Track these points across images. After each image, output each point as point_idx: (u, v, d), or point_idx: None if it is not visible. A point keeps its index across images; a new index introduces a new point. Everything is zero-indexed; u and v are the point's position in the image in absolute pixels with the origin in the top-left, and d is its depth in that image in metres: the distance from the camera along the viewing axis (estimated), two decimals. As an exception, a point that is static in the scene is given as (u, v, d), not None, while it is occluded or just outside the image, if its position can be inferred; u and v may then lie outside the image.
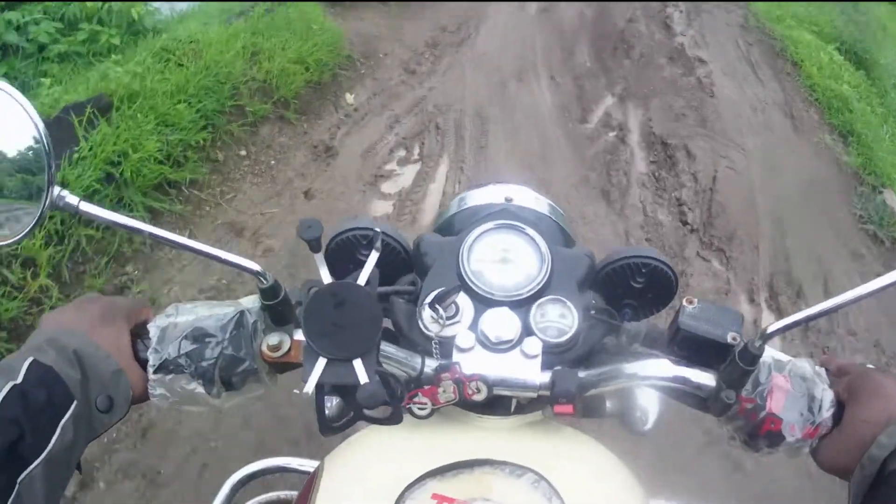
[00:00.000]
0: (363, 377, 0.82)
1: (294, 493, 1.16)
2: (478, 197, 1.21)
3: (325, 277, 0.88)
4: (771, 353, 0.95)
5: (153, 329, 0.91)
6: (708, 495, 2.91)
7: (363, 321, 0.85)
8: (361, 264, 0.95)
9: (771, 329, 0.83)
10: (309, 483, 0.98)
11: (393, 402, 0.89)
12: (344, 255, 1.07)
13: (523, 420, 1.00)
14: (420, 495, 0.83)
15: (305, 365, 0.83)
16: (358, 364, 0.82)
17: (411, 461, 0.89)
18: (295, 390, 0.87)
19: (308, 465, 1.28)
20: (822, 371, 0.95)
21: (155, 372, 0.89)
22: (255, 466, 1.28)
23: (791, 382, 0.92)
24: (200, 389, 0.90)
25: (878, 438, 0.80)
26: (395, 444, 0.96)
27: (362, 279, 0.88)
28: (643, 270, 1.06)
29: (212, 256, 0.86)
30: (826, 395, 0.91)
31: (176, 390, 0.90)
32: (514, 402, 1.00)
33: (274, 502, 1.32)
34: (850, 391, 0.90)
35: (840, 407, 0.91)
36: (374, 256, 0.91)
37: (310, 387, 0.81)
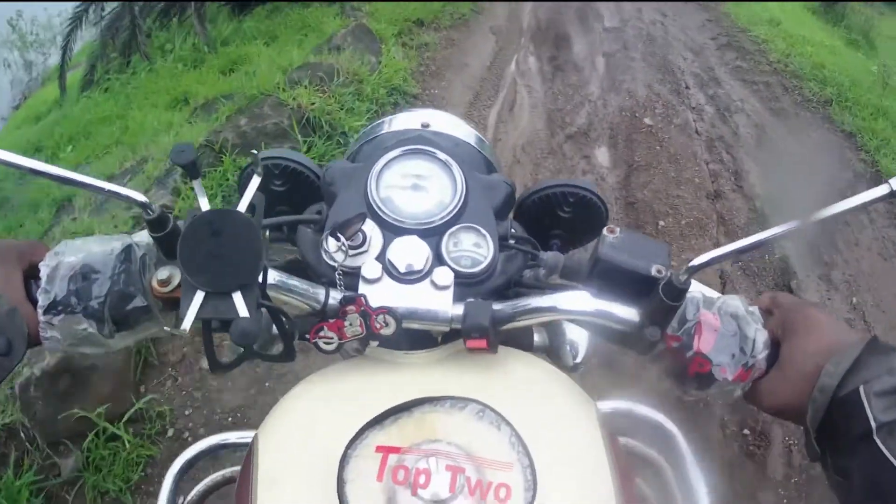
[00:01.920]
0: (243, 311, 0.77)
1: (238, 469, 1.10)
2: (393, 123, 1.17)
3: (204, 205, 0.83)
4: (699, 288, 0.92)
5: (43, 268, 0.86)
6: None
7: (243, 251, 0.79)
8: (277, 195, 1.04)
9: (697, 262, 0.81)
10: (247, 458, 0.92)
11: (284, 337, 0.86)
12: (259, 187, 0.94)
13: (454, 348, 0.95)
14: (363, 451, 0.80)
15: (183, 299, 0.77)
16: (237, 297, 0.77)
17: (347, 416, 0.84)
18: (165, 327, 0.90)
19: (248, 436, 1.15)
20: (755, 310, 0.91)
21: (45, 312, 0.84)
22: (193, 450, 1.21)
23: (721, 320, 0.88)
24: (92, 329, 0.85)
25: (825, 367, 0.78)
26: (326, 400, 0.92)
27: (242, 206, 0.83)
28: (570, 200, 1.06)
29: (94, 188, 0.83)
30: (759, 335, 0.87)
31: (67, 331, 0.85)
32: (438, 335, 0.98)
33: (220, 482, 1.27)
34: (785, 327, 0.88)
35: (774, 347, 0.88)
36: (255, 181, 0.85)
37: (187, 323, 0.76)
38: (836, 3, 11.85)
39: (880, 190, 0.77)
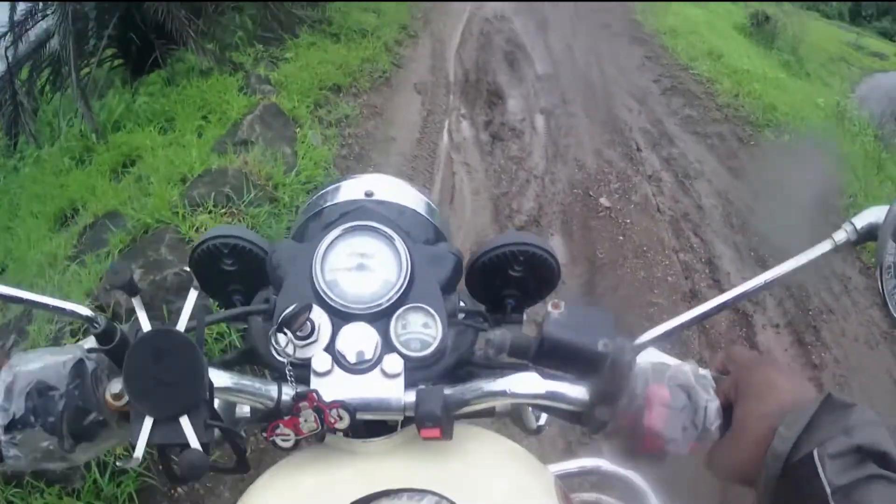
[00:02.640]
0: (192, 438, 0.77)
1: None
2: (336, 194, 1.14)
3: (144, 324, 0.82)
4: (650, 358, 0.89)
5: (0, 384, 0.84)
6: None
7: (186, 374, 0.79)
8: (228, 275, 1.07)
9: (641, 340, 0.83)
10: None
11: (237, 453, 0.88)
12: (210, 265, 1.07)
13: (410, 434, 0.93)
14: None
15: (133, 424, 0.78)
16: (185, 422, 0.77)
17: None
18: (118, 463, 1.05)
19: None
20: (707, 374, 0.88)
21: (6, 431, 0.82)
22: None
23: (671, 393, 0.85)
24: (53, 445, 0.83)
25: (778, 431, 0.76)
26: (287, 495, 0.91)
27: (181, 324, 0.83)
28: (521, 258, 1.04)
29: (39, 305, 0.85)
30: (711, 405, 0.85)
31: (28, 448, 0.83)
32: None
33: None
34: (738, 389, 0.85)
35: (728, 413, 0.85)
36: (192, 296, 0.86)
37: (139, 453, 0.76)
38: (765, 23, 11.78)
39: (824, 246, 0.81)
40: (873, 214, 0.83)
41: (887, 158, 6.45)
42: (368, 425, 0.92)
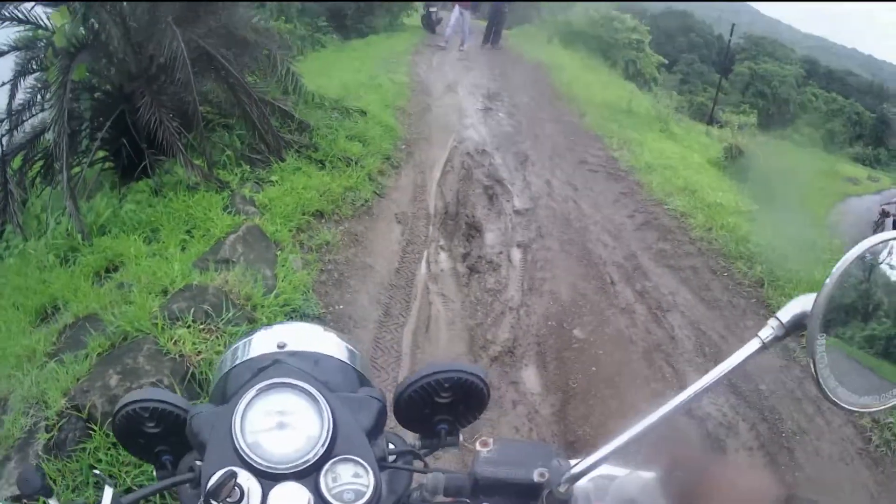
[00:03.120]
0: None
1: None
2: (248, 348, 1.12)
3: None
4: (595, 474, 0.89)
5: None
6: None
7: None
8: (152, 438, 1.07)
9: (577, 469, 0.82)
10: None
11: None
12: (132, 429, 1.06)
13: None
14: None
15: None
16: None
17: None
18: None
19: None
20: (654, 477, 0.89)
21: None
22: None
23: None
24: None
25: None
26: None
27: None
28: (446, 385, 1.04)
29: None
30: None
31: None
32: None
33: None
34: (685, 493, 0.85)
35: None
36: (108, 494, 0.88)
37: None
38: (739, 157, 12.10)
39: (752, 345, 0.81)
40: (800, 304, 0.84)
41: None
42: None
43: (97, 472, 0.93)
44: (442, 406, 1.08)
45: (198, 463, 0.96)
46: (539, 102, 13.33)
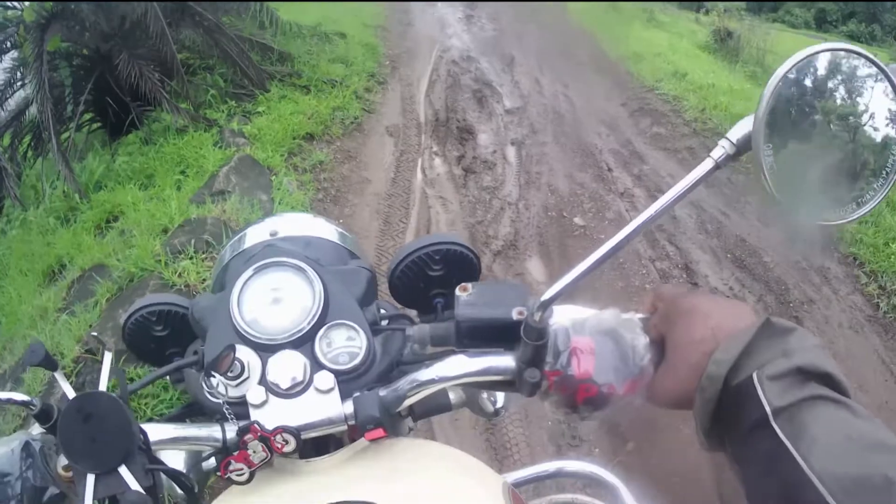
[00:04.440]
0: (132, 483, 0.80)
1: None
2: (243, 241, 1.17)
3: (68, 392, 0.86)
4: (568, 313, 0.92)
5: None
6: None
7: (115, 427, 0.82)
8: (163, 341, 1.13)
9: (546, 296, 0.82)
10: None
11: (186, 493, 0.92)
12: (142, 336, 1.12)
13: (355, 449, 0.96)
14: None
15: (77, 484, 0.81)
16: (124, 471, 0.81)
17: None
18: None
19: None
20: (632, 316, 0.91)
21: None
22: None
23: (595, 340, 0.88)
24: None
25: (714, 356, 0.76)
26: None
27: (102, 384, 0.87)
28: (437, 257, 1.07)
29: None
30: (639, 342, 0.88)
31: None
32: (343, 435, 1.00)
33: None
34: (666, 322, 0.86)
35: (661, 347, 0.87)
36: (108, 358, 0.91)
37: None
38: (728, 40, 11.91)
39: (705, 165, 0.80)
40: (744, 125, 0.82)
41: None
42: (319, 446, 0.96)
43: (94, 334, 0.97)
44: (435, 279, 1.10)
45: (201, 348, 1.00)
46: (519, 4, 13.06)
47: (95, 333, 1.02)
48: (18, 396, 0.88)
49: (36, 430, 0.92)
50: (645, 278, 4.65)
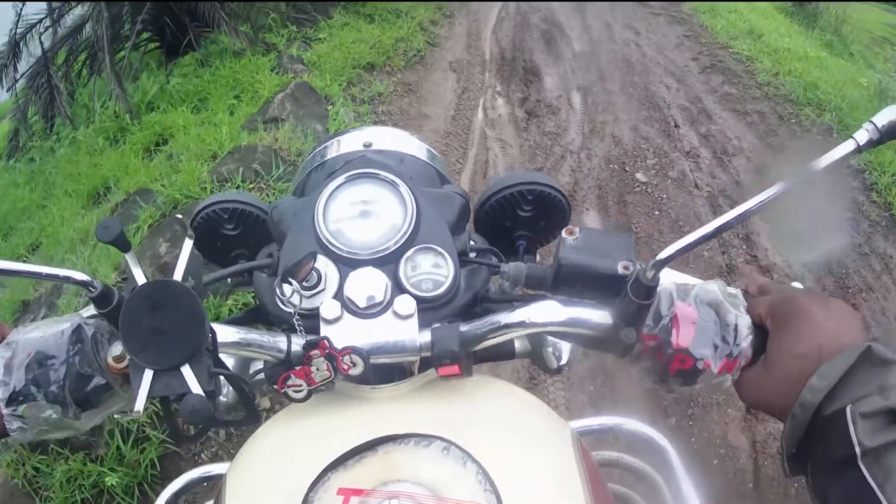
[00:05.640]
0: (194, 385, 0.75)
1: None
2: (335, 147, 1.12)
3: (139, 278, 0.79)
4: (673, 277, 0.88)
5: None
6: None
7: (186, 322, 0.77)
8: (231, 240, 1.09)
9: (663, 255, 0.77)
10: (218, 495, 0.89)
11: (245, 402, 0.87)
12: (211, 232, 1.08)
13: (422, 380, 0.92)
14: (325, 494, 0.77)
15: (133, 379, 0.75)
16: (187, 371, 0.75)
17: (312, 456, 0.82)
18: (116, 415, 0.89)
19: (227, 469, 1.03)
20: (738, 292, 0.86)
21: (7, 404, 0.82)
22: (177, 484, 1.20)
23: (698, 310, 0.84)
24: (57, 414, 0.83)
25: (810, 382, 0.73)
26: (292, 439, 0.90)
27: (178, 273, 0.80)
28: (529, 197, 1.04)
29: (28, 274, 0.82)
30: (742, 321, 0.82)
31: (33, 420, 0.83)
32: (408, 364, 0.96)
33: None
34: (774, 317, 0.81)
35: (762, 333, 0.82)
36: (188, 245, 0.84)
37: (139, 405, 0.74)
38: (807, 4, 11.50)
39: (847, 146, 0.76)
40: (891, 112, 0.79)
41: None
42: (382, 374, 0.91)
43: (180, 216, 1.03)
44: (522, 220, 1.07)
45: (276, 251, 0.97)
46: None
47: (181, 216, 0.89)
48: (78, 275, 0.81)
49: (90, 311, 0.88)
50: (704, 245, 4.49)
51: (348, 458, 0.81)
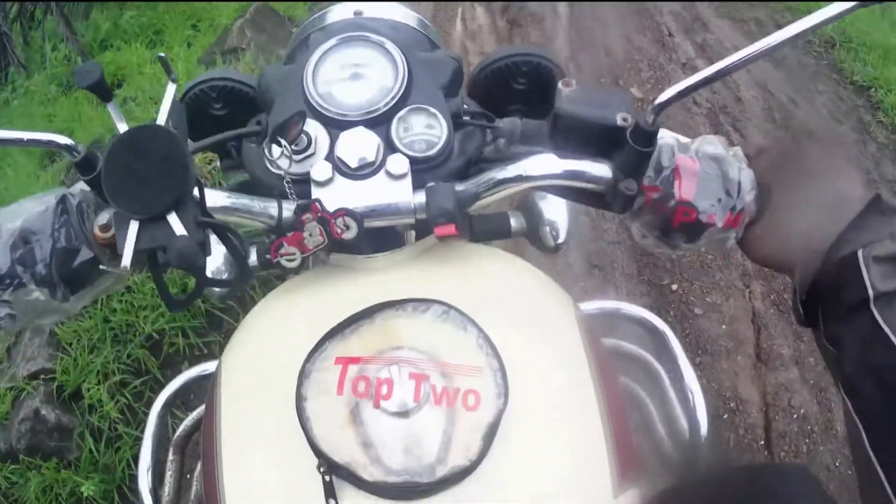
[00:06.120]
0: (179, 229, 0.72)
1: None
2: (325, 17, 1.11)
3: (120, 125, 0.78)
4: (672, 134, 0.88)
5: None
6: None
7: (171, 167, 0.73)
8: (219, 120, 1.05)
9: (662, 98, 0.77)
10: (213, 381, 0.90)
11: (235, 256, 0.84)
12: (199, 112, 1.04)
13: (420, 248, 0.94)
14: (322, 364, 0.77)
15: (118, 234, 0.73)
16: (173, 218, 0.73)
17: (308, 329, 0.81)
18: (102, 266, 0.84)
19: None
20: (738, 150, 0.86)
21: None
22: (175, 384, 1.19)
23: (700, 163, 0.83)
24: (45, 297, 0.80)
25: (819, 226, 0.74)
26: (287, 314, 0.90)
27: (161, 118, 0.79)
28: (524, 70, 1.03)
29: (12, 141, 0.79)
30: (744, 175, 0.83)
31: (20, 306, 0.80)
32: (406, 233, 1.00)
33: None
34: (777, 171, 0.82)
35: (765, 190, 0.83)
36: (171, 89, 0.82)
37: (126, 259, 0.71)
38: None
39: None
40: None
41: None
42: (376, 242, 0.91)
43: (162, 55, 0.83)
44: (517, 93, 1.06)
45: (265, 118, 0.93)
46: None
47: (163, 55, 0.78)
48: (61, 139, 0.78)
49: (76, 186, 0.86)
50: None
51: (345, 326, 0.79)
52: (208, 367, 1.20)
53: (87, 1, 5.36)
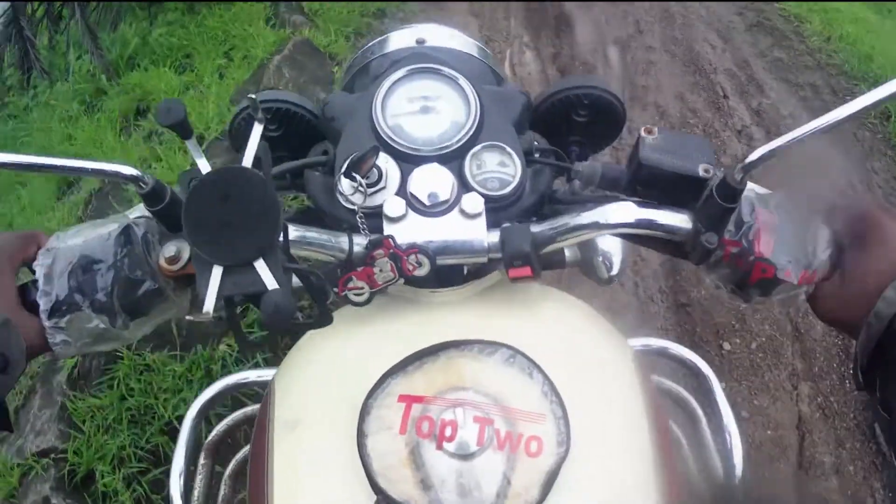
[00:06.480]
0: (270, 282, 0.69)
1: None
2: (385, 45, 1.10)
3: (204, 167, 0.75)
4: (751, 185, 0.86)
5: (39, 268, 0.80)
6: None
7: (257, 211, 0.71)
8: (272, 142, 0.98)
9: (753, 157, 0.77)
10: (265, 400, 0.91)
11: (317, 300, 0.80)
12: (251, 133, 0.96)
13: (481, 285, 0.93)
14: (385, 401, 0.77)
15: (199, 278, 0.70)
16: (261, 266, 0.70)
17: (368, 361, 0.82)
18: (188, 316, 0.85)
19: (267, 375, 1.19)
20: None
21: (49, 317, 0.78)
22: (212, 390, 1.18)
23: (779, 218, 0.83)
24: (104, 325, 0.80)
25: (885, 293, 0.73)
26: (347, 343, 0.89)
27: (247, 160, 0.75)
28: (585, 102, 1.02)
29: (74, 170, 0.77)
30: (821, 233, 0.83)
31: (77, 332, 0.79)
32: (465, 267, 0.95)
33: (241, 421, 1.24)
34: (852, 233, 0.82)
35: (839, 249, 0.83)
36: (257, 130, 0.77)
37: (209, 305, 0.68)
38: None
39: None
40: None
41: None
42: (441, 278, 0.89)
43: (252, 96, 0.79)
44: (578, 125, 1.04)
45: (332, 149, 0.92)
46: None
47: (253, 96, 0.72)
48: (127, 169, 0.76)
49: (138, 212, 0.84)
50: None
51: (409, 363, 0.79)
52: (249, 375, 1.21)
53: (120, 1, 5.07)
